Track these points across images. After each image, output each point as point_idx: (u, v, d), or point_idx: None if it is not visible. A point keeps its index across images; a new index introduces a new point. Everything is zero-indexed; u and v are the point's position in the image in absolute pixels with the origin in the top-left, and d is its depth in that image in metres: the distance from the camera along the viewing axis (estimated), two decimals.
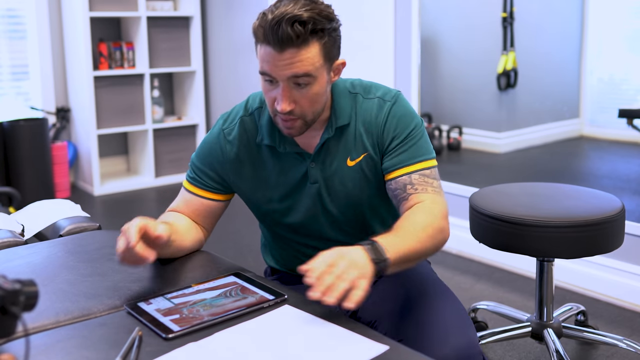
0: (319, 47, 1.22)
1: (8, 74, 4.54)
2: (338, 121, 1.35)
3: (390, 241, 1.17)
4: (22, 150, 4.08)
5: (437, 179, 1.34)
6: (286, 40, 1.19)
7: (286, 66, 1.22)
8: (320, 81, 1.26)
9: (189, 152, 4.88)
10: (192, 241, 1.42)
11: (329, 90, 1.32)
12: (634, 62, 4.39)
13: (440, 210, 1.29)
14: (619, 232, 1.88)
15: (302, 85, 1.25)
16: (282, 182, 1.39)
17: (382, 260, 1.12)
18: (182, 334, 1.04)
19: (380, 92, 1.38)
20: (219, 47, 4.78)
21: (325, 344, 1.00)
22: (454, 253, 3.20)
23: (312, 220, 1.41)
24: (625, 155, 4.36)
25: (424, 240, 1.22)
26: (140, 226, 1.18)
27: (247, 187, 1.43)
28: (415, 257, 1.21)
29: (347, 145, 1.36)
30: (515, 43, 4.36)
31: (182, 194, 1.48)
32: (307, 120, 1.30)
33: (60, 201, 1.85)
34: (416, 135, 1.35)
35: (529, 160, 4.49)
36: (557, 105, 4.72)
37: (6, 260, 1.39)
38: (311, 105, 1.28)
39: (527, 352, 2.22)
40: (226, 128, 1.43)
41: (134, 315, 1.12)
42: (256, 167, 1.40)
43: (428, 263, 1.53)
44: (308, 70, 1.22)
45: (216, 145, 1.43)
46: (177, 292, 1.21)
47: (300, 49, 1.20)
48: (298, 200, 1.40)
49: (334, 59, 1.29)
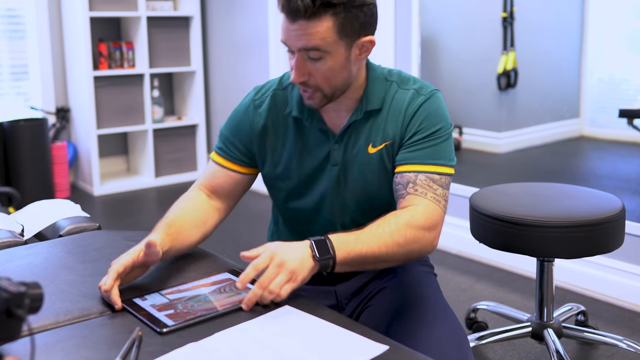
0: (332, 22, 1.20)
1: (8, 74, 4.54)
2: (369, 105, 1.34)
3: (345, 240, 1.17)
4: (22, 150, 4.07)
5: (444, 188, 1.30)
6: (295, 12, 1.19)
7: (297, 37, 1.22)
8: (336, 57, 1.25)
9: (189, 152, 4.89)
10: (200, 235, 1.40)
11: (353, 67, 1.29)
12: (634, 62, 4.39)
13: (424, 220, 1.24)
14: (619, 232, 1.88)
15: (315, 59, 1.24)
16: (304, 160, 1.38)
17: (326, 258, 1.14)
18: (176, 329, 1.06)
19: (418, 85, 1.36)
20: (219, 47, 4.78)
21: (325, 344, 1.00)
22: (454, 253, 3.20)
23: (325, 204, 1.40)
24: (625, 155, 4.36)
25: (389, 246, 1.20)
26: (118, 272, 1.16)
27: (270, 160, 1.42)
28: (373, 260, 1.20)
29: (373, 131, 1.35)
30: (516, 43, 4.36)
31: (208, 166, 1.49)
32: (325, 93, 1.29)
33: (60, 201, 1.85)
34: (440, 136, 1.31)
35: (529, 160, 4.49)
36: (557, 105, 4.72)
37: (6, 260, 1.39)
38: (325, 79, 1.27)
39: (527, 352, 2.22)
40: (257, 99, 1.43)
41: (130, 310, 1.13)
42: (281, 141, 1.40)
43: (434, 275, 1.51)
44: (317, 44, 1.21)
45: (245, 116, 1.42)
46: (171, 288, 1.22)
47: (310, 21, 1.19)
48: (317, 180, 1.39)
49: (355, 36, 1.25)
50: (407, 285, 1.40)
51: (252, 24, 4.38)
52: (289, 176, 1.41)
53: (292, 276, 1.12)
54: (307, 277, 1.14)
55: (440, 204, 1.28)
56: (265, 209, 3.99)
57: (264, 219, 3.81)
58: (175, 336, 1.03)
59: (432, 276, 1.49)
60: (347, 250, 1.17)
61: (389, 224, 1.22)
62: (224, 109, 4.81)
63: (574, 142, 4.69)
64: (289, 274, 1.12)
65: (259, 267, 1.13)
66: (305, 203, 1.42)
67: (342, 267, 1.18)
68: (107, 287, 1.14)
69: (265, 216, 3.92)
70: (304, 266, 1.13)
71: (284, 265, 1.12)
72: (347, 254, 1.16)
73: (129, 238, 1.51)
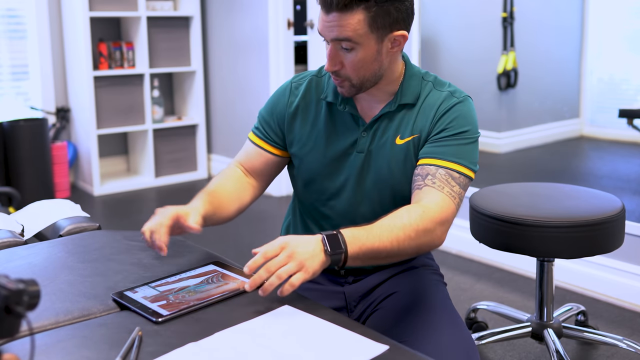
0: (364, 15, 1.25)
1: (8, 74, 4.54)
2: (403, 98, 1.38)
3: (357, 235, 1.17)
4: (22, 150, 4.08)
5: (461, 187, 1.31)
6: (330, 4, 1.25)
7: (330, 28, 1.27)
8: (367, 49, 1.29)
9: (189, 152, 4.89)
10: (237, 208, 1.46)
11: (385, 60, 1.33)
12: (634, 62, 4.38)
13: (437, 214, 1.25)
14: (619, 232, 1.88)
15: (347, 49, 1.29)
16: (331, 143, 1.42)
17: (338, 252, 1.14)
18: (171, 318, 1.08)
19: (452, 88, 1.40)
20: (219, 47, 4.78)
21: (325, 344, 1.00)
22: (454, 253, 3.20)
23: (346, 190, 1.42)
24: (625, 155, 4.36)
25: (401, 240, 1.20)
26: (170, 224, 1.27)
27: (298, 140, 1.45)
28: (385, 255, 1.21)
29: (403, 123, 1.38)
30: (516, 43, 4.35)
31: (245, 145, 1.54)
32: (353, 83, 1.33)
33: (60, 201, 1.85)
34: (466, 138, 1.34)
35: (529, 160, 4.49)
36: (557, 105, 4.72)
37: (6, 260, 1.39)
38: (356, 70, 1.31)
39: (527, 353, 2.22)
40: (295, 82, 1.49)
41: (122, 303, 1.15)
42: (312, 122, 1.44)
43: (444, 284, 1.51)
44: (349, 35, 1.26)
45: (282, 97, 1.48)
46: (160, 281, 1.23)
47: (343, 14, 1.25)
48: (341, 165, 1.42)
49: (387, 30, 1.29)
50: (418, 291, 1.41)
51: (252, 24, 4.38)
52: (314, 157, 1.44)
53: (301, 267, 1.11)
54: (318, 270, 1.13)
55: (455, 200, 1.29)
56: (267, 209, 3.99)
57: (266, 219, 3.81)
58: (175, 336, 1.03)
59: (442, 285, 1.49)
60: (359, 244, 1.17)
61: (402, 218, 1.23)
62: (224, 109, 4.81)
63: (574, 142, 4.68)
64: (299, 264, 1.11)
65: (268, 255, 1.12)
66: (327, 187, 1.44)
67: (354, 262, 1.18)
68: (161, 229, 1.24)
69: (268, 216, 3.92)
70: (315, 259, 1.12)
71: (294, 256, 1.11)
72: (358, 248, 1.16)
73: (129, 238, 1.51)
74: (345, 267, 1.19)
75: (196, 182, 4.82)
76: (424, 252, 1.31)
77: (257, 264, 1.12)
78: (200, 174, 4.91)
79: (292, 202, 1.59)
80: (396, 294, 1.41)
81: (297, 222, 1.54)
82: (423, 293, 1.40)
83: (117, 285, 1.24)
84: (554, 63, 4.64)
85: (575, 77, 4.61)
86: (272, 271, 1.10)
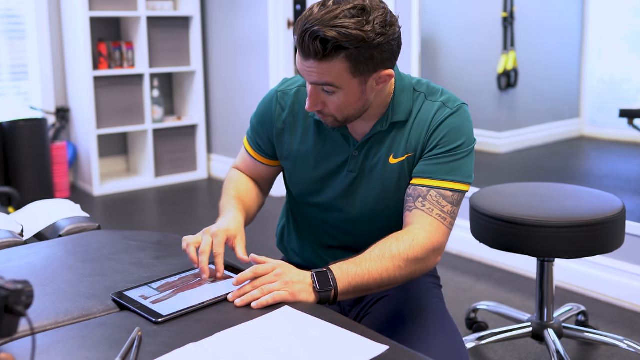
0: (344, 63, 1.18)
1: (8, 74, 4.54)
2: (394, 116, 1.33)
3: (346, 270, 1.18)
4: (22, 150, 4.07)
5: (454, 205, 1.29)
6: (308, 53, 1.18)
7: (309, 73, 1.22)
8: (349, 92, 1.23)
9: (189, 152, 4.88)
10: (257, 208, 1.50)
11: (370, 97, 1.27)
12: (634, 62, 4.38)
13: (427, 241, 1.24)
14: (619, 232, 1.88)
15: (328, 92, 1.24)
16: (322, 161, 1.39)
17: (327, 290, 1.15)
18: (171, 318, 1.08)
19: (445, 97, 1.34)
20: (219, 47, 4.78)
21: (325, 345, 1.00)
22: (454, 253, 3.19)
23: (337, 206, 1.41)
24: (625, 155, 4.36)
25: (390, 271, 1.21)
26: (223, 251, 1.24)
27: (288, 156, 1.43)
28: (376, 286, 1.21)
29: (396, 142, 1.33)
30: (516, 43, 4.35)
31: (241, 151, 1.54)
32: (338, 120, 1.29)
33: (59, 201, 1.85)
34: (460, 153, 1.30)
35: (529, 160, 4.49)
36: (557, 105, 4.72)
37: (6, 260, 1.39)
38: (339, 110, 1.27)
39: (527, 353, 2.22)
40: (281, 91, 1.43)
41: (122, 303, 1.14)
42: (300, 138, 1.40)
43: (439, 287, 1.50)
44: (329, 81, 1.21)
45: (269, 108, 1.44)
46: (160, 281, 1.23)
47: (322, 62, 1.18)
48: (332, 184, 1.40)
49: (371, 72, 1.22)
50: (410, 295, 1.40)
51: (252, 24, 4.38)
52: (304, 174, 1.42)
53: (287, 288, 1.13)
54: (303, 300, 1.14)
55: (445, 221, 1.28)
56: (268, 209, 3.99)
57: (266, 220, 3.80)
58: (175, 336, 1.03)
59: (437, 288, 1.49)
60: (348, 280, 1.18)
61: (390, 248, 1.22)
62: (224, 109, 4.81)
63: (574, 142, 4.68)
64: (285, 284, 1.14)
65: (258, 272, 1.15)
66: (317, 202, 1.44)
67: (345, 297, 1.19)
68: (217, 250, 1.22)
69: (268, 216, 3.91)
70: (303, 292, 1.15)
71: (283, 277, 1.15)
72: (348, 284, 1.18)
73: (128, 238, 1.51)
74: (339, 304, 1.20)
75: (196, 182, 4.82)
76: (418, 277, 1.30)
77: (245, 278, 1.15)
78: (200, 174, 4.91)
79: (285, 205, 1.58)
80: (388, 297, 1.41)
81: (291, 227, 1.54)
82: (414, 297, 1.40)
83: (117, 285, 1.24)
84: (554, 63, 4.64)
85: (576, 77, 4.61)
86: (256, 287, 1.14)
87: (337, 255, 1.35)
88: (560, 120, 4.73)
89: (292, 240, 1.54)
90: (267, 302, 1.11)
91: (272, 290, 1.13)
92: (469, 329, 2.37)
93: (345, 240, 1.45)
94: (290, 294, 1.13)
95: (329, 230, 1.45)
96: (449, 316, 1.36)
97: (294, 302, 1.13)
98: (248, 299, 1.12)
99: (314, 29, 1.15)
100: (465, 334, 2.30)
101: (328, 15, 1.15)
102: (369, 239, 1.27)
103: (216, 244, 1.23)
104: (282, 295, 1.12)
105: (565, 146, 4.65)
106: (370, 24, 1.16)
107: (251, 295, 1.12)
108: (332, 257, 1.38)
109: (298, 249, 1.52)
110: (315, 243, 1.49)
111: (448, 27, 4.33)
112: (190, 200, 4.34)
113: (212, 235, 1.24)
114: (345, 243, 1.45)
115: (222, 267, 1.22)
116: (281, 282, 1.14)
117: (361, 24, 1.16)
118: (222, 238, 1.24)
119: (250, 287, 1.14)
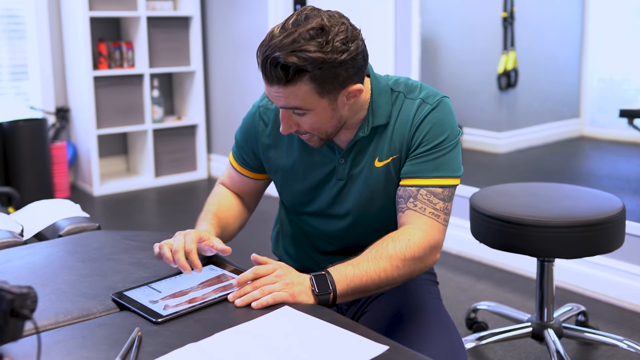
0: (309, 86, 1.17)
1: (7, 74, 4.54)
2: (374, 121, 1.31)
3: (344, 272, 1.19)
4: (22, 150, 4.07)
5: (446, 201, 1.28)
6: (271, 79, 1.18)
7: (276, 98, 1.21)
8: (320, 111, 1.22)
9: (188, 152, 4.88)
10: (238, 226, 1.50)
11: (343, 112, 1.26)
12: (634, 62, 4.38)
13: (423, 239, 1.24)
14: (619, 232, 1.88)
15: (299, 114, 1.23)
16: (309, 172, 1.39)
17: (326, 293, 1.16)
18: (171, 318, 1.08)
19: (424, 93, 1.32)
20: (219, 47, 4.78)
21: (325, 345, 1.00)
22: (454, 253, 3.19)
23: (329, 213, 1.41)
24: (625, 155, 4.36)
25: (388, 271, 1.21)
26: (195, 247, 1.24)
27: (276, 170, 1.43)
28: (375, 287, 1.22)
29: (380, 145, 1.33)
30: (516, 43, 4.35)
31: (227, 166, 1.54)
32: (320, 137, 1.29)
33: (59, 201, 1.85)
34: (445, 147, 1.29)
35: (529, 160, 4.49)
36: (557, 105, 4.72)
37: (5, 260, 1.39)
38: (314, 129, 1.26)
39: (527, 353, 2.21)
40: (263, 106, 1.43)
41: (122, 303, 1.15)
42: (286, 152, 1.40)
43: (436, 284, 1.50)
44: (297, 105, 1.20)
45: (252, 125, 1.44)
46: (160, 281, 1.23)
47: (287, 87, 1.17)
48: (322, 193, 1.40)
49: (339, 90, 1.21)
50: (407, 293, 1.41)
51: (252, 24, 4.38)
52: (293, 186, 1.42)
53: (287, 289, 1.14)
54: (302, 301, 1.15)
55: (439, 218, 1.27)
56: (267, 210, 3.98)
57: (266, 220, 3.80)
58: (175, 336, 1.03)
59: (433, 285, 1.49)
60: (347, 282, 1.18)
61: (387, 249, 1.22)
62: (224, 109, 4.81)
63: (574, 142, 4.68)
64: (285, 286, 1.14)
65: (258, 273, 1.16)
66: (309, 211, 1.44)
67: (344, 299, 1.19)
68: (190, 246, 1.21)
69: (268, 217, 3.91)
70: (303, 294, 1.15)
71: (283, 278, 1.15)
72: (346, 286, 1.18)
73: (128, 238, 1.51)
74: (336, 304, 1.20)
75: (196, 182, 4.82)
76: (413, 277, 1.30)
77: (246, 278, 1.16)
78: (200, 174, 4.91)
79: (278, 213, 1.58)
80: (384, 295, 1.41)
81: (286, 233, 1.54)
82: (412, 295, 1.40)
83: (117, 285, 1.24)
84: (554, 63, 4.64)
85: (576, 77, 4.61)
86: (257, 287, 1.14)
87: (333, 260, 1.35)
88: (560, 120, 4.73)
89: (287, 246, 1.55)
90: (267, 303, 1.12)
91: (273, 290, 1.13)
92: (469, 329, 2.37)
93: (340, 245, 1.45)
94: (291, 295, 1.13)
95: (324, 236, 1.46)
96: (445, 312, 1.36)
97: (294, 303, 1.13)
98: (248, 299, 1.12)
99: (274, 55, 1.14)
100: (465, 334, 2.30)
101: (287, 39, 1.14)
102: (364, 242, 1.28)
103: (188, 241, 1.23)
104: (282, 296, 1.13)
105: (565, 146, 4.65)
106: (330, 44, 1.15)
107: (251, 295, 1.13)
108: (328, 262, 1.38)
109: (294, 254, 1.53)
110: (311, 249, 1.49)
111: (448, 27, 4.33)
112: (190, 200, 4.34)
113: (183, 235, 1.25)
114: (340, 248, 1.45)
115: (199, 262, 1.22)
116: (282, 283, 1.14)
117: (321, 45, 1.14)
118: (195, 236, 1.25)
119: (251, 287, 1.15)
